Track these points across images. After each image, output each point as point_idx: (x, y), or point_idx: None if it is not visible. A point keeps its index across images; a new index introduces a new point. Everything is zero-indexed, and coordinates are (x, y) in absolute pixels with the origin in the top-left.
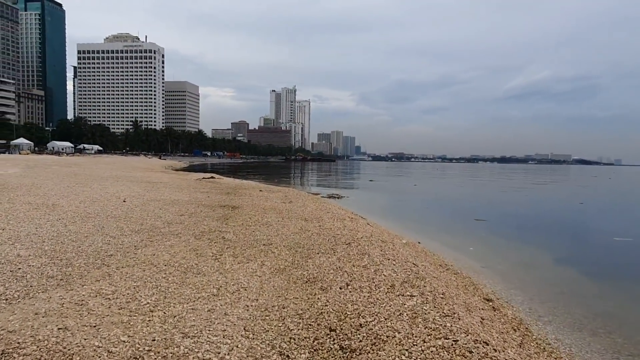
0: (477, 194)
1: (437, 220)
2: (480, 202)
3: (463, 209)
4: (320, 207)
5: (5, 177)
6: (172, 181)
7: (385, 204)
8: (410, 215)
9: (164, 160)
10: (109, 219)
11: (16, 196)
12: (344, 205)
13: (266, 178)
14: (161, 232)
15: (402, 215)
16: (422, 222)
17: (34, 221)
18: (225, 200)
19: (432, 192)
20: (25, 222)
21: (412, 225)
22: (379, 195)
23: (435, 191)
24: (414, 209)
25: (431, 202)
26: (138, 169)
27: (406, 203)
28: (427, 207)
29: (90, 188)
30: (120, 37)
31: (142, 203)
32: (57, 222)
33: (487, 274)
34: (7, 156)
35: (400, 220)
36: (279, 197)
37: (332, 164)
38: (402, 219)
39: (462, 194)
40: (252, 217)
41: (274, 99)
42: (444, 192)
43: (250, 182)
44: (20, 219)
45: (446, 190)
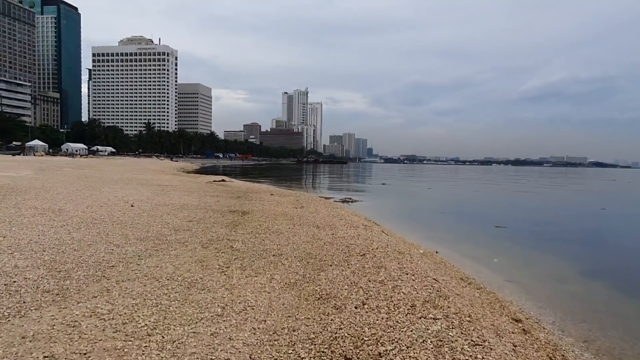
0: (494, 199)
1: (454, 226)
2: (498, 207)
3: (481, 214)
4: (333, 212)
5: (16, 180)
6: (183, 184)
7: (399, 209)
8: (425, 221)
9: (175, 162)
10: (115, 225)
11: (23, 200)
12: (357, 209)
13: (278, 181)
14: (167, 239)
15: (417, 221)
16: (439, 229)
17: (37, 228)
18: (235, 205)
19: (447, 196)
20: (28, 228)
21: (428, 232)
22: (393, 200)
23: (450, 195)
24: (429, 214)
25: (447, 207)
26: (149, 171)
27: (421, 208)
28: (443, 212)
29: (99, 192)
30: (135, 40)
31: (151, 208)
32: (60, 229)
33: (512, 289)
34: (22, 158)
35: (416, 226)
36: (291, 201)
37: (343, 166)
38: (417, 226)
39: (479, 198)
40: (263, 224)
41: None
42: (460, 196)
43: (262, 185)
44: (23, 225)
45: (461, 194)
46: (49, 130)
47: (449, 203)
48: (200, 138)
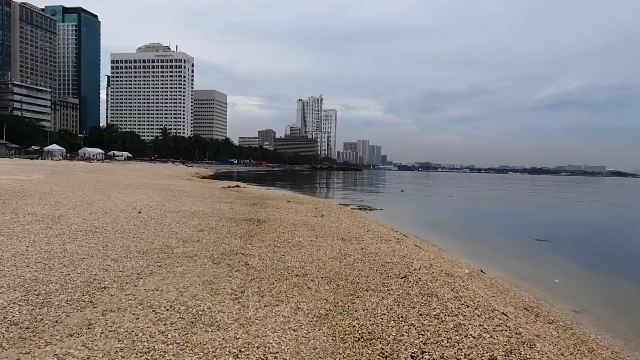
0: (523, 208)
1: (490, 239)
2: (531, 218)
3: (515, 226)
4: (357, 222)
5: (25, 184)
6: (196, 190)
7: (424, 219)
8: (457, 233)
9: (190, 167)
10: (117, 235)
11: (24, 205)
12: (381, 218)
13: (293, 187)
14: (173, 253)
15: (447, 233)
16: (474, 242)
17: (28, 237)
18: (250, 213)
19: (471, 205)
20: (18, 238)
21: (463, 246)
22: (414, 208)
23: (475, 204)
24: (458, 225)
25: (475, 217)
26: (163, 176)
27: (447, 218)
28: (472, 223)
29: (107, 197)
30: (152, 47)
31: (159, 215)
32: (54, 239)
33: (588, 321)
34: (39, 162)
35: (448, 239)
36: (309, 209)
37: (358, 173)
38: (449, 238)
39: (507, 208)
40: (281, 236)
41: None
42: (486, 206)
43: (277, 191)
44: (15, 233)
45: (486, 203)
46: (67, 135)
47: (476, 213)
48: (215, 144)
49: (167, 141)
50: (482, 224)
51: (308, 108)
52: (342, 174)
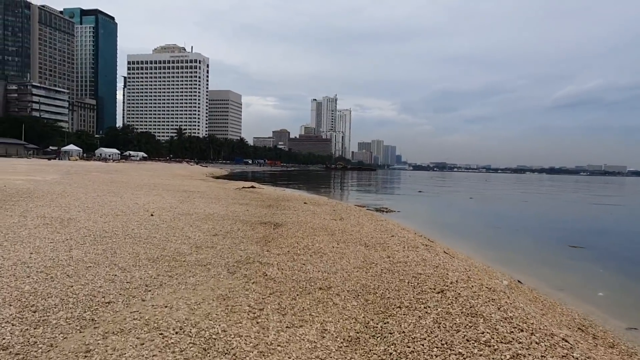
0: (549, 210)
1: (520, 245)
2: (560, 221)
3: (544, 229)
4: (379, 227)
5: (38, 184)
6: (210, 190)
7: (445, 222)
8: (483, 237)
9: (205, 167)
10: (127, 240)
11: (35, 207)
12: (401, 221)
13: (308, 187)
14: (185, 261)
15: (473, 237)
16: (503, 248)
17: (33, 243)
18: (266, 215)
19: (494, 207)
20: (23, 243)
21: (492, 252)
22: (434, 210)
23: (498, 206)
24: (483, 228)
25: (500, 220)
26: (178, 176)
27: (471, 221)
28: (499, 227)
29: (120, 198)
30: (168, 48)
31: (172, 218)
32: (61, 245)
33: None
34: (56, 162)
35: (475, 245)
36: (327, 211)
37: (372, 173)
38: (476, 244)
39: (531, 210)
40: (300, 241)
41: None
42: (509, 207)
43: (293, 192)
44: (20, 239)
45: (509, 205)
46: (84, 136)
47: (500, 215)
48: (229, 144)
49: (182, 141)
50: (508, 228)
51: (322, 108)
52: (357, 174)
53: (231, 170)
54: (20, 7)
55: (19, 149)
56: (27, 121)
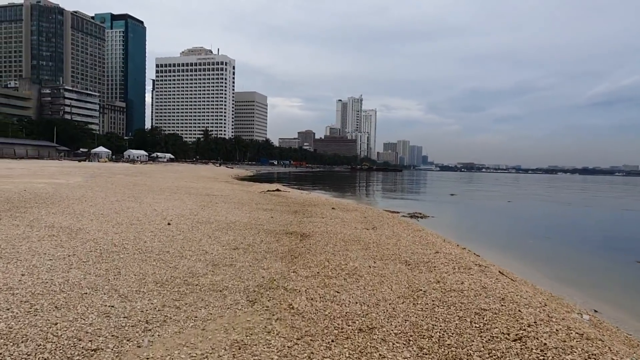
0: (599, 216)
1: (579, 261)
2: (617, 230)
3: (602, 240)
4: (418, 238)
5: (59, 188)
6: (234, 194)
7: (487, 230)
8: (535, 252)
9: (230, 168)
10: (136, 256)
11: (46, 214)
12: (438, 230)
13: (334, 190)
14: (199, 284)
15: (523, 251)
16: (561, 266)
17: (31, 260)
18: (292, 223)
19: (536, 212)
20: (19, 261)
21: (551, 271)
22: (472, 216)
23: (540, 211)
24: (531, 239)
25: (547, 229)
26: (202, 178)
27: (515, 230)
28: (549, 238)
29: (139, 204)
30: (195, 51)
31: (190, 227)
32: (60, 263)
33: None
34: (86, 164)
35: (528, 261)
36: (358, 218)
37: (398, 174)
38: (529, 259)
39: (579, 215)
40: (331, 258)
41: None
42: (554, 212)
43: (320, 195)
44: (17, 254)
45: (553, 209)
46: (113, 138)
47: (546, 223)
48: (255, 145)
49: (208, 142)
50: (559, 239)
51: (347, 109)
52: (382, 175)
53: (257, 171)
54: (54, 14)
55: (51, 150)
56: (59, 124)
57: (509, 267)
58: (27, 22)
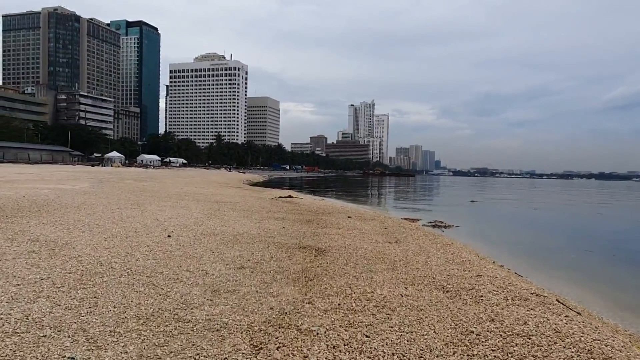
0: (634, 225)
1: (633, 282)
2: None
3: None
4: (450, 254)
5: (64, 194)
6: (244, 200)
7: (521, 242)
8: (581, 267)
9: (242, 173)
10: (122, 279)
11: (36, 225)
12: (456, 237)
13: (347, 195)
14: (192, 320)
15: (569, 269)
16: (620, 287)
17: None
18: (306, 235)
19: (569, 221)
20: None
21: (610, 295)
22: (499, 225)
23: (574, 220)
24: (572, 252)
25: (587, 240)
26: (212, 183)
27: (550, 241)
28: (591, 251)
29: (141, 212)
30: (208, 57)
31: (192, 240)
32: (29, 289)
33: None
34: (98, 168)
35: (581, 283)
36: (377, 229)
37: (411, 178)
38: (581, 282)
39: (613, 225)
40: (354, 283)
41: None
42: (589, 223)
43: (333, 202)
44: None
45: (586, 219)
46: (127, 143)
47: (583, 233)
48: (267, 150)
49: (221, 147)
50: (603, 253)
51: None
52: (395, 180)
53: (269, 176)
54: (71, 21)
55: (65, 155)
56: (73, 129)
57: (561, 291)
58: (44, 29)
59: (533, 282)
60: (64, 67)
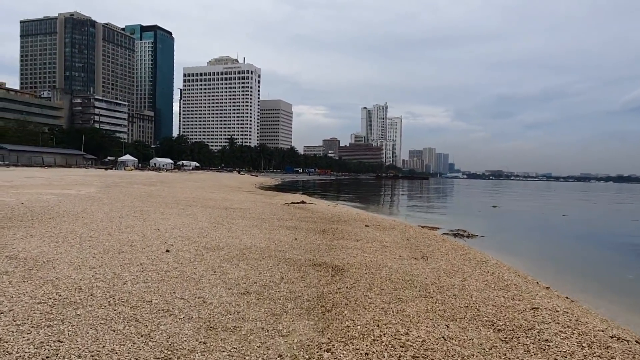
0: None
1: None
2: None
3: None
4: (489, 275)
5: (65, 200)
6: (254, 207)
7: (561, 257)
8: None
9: (255, 177)
10: (100, 312)
11: (20, 238)
12: (482, 248)
13: (361, 200)
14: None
15: (629, 292)
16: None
17: None
18: (320, 249)
19: (604, 229)
20: None
21: None
22: (530, 236)
23: (606, 226)
24: (627, 271)
25: (633, 255)
26: (224, 187)
27: (594, 255)
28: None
29: (142, 220)
30: (221, 60)
31: (192, 256)
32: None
33: None
34: (111, 172)
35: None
36: (398, 241)
37: (424, 182)
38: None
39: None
40: (381, 320)
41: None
42: (623, 230)
43: (348, 208)
44: None
45: (618, 224)
46: (141, 146)
47: (626, 246)
48: (280, 153)
49: (233, 150)
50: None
51: (373, 116)
52: (408, 183)
53: (281, 179)
54: (86, 26)
55: (78, 159)
56: (87, 132)
57: (633, 326)
58: (61, 34)
59: (606, 318)
60: (80, 71)
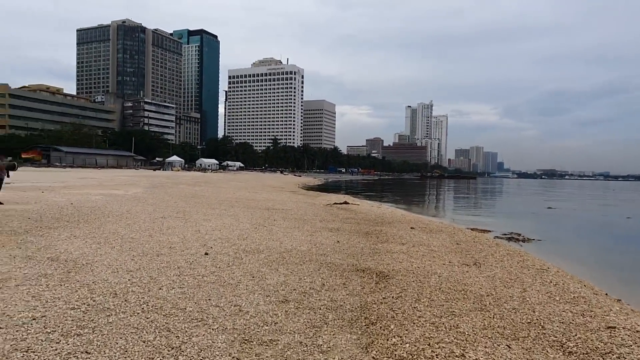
0: None
1: None
2: None
3: None
4: (553, 286)
5: (113, 200)
6: (297, 208)
7: (629, 264)
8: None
9: (298, 177)
10: (132, 320)
11: (64, 239)
12: (542, 254)
13: (406, 201)
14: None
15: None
16: None
17: None
18: (364, 253)
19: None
20: None
21: None
22: (592, 240)
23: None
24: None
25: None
26: (267, 187)
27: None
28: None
29: (184, 221)
30: (265, 62)
31: (232, 259)
32: (7, 336)
33: None
34: (159, 172)
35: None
36: (447, 245)
37: (471, 181)
38: None
39: None
40: (433, 338)
41: (410, 115)
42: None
43: (393, 209)
44: None
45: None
46: (187, 147)
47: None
48: (323, 153)
49: (277, 151)
50: None
51: (417, 115)
52: (454, 183)
53: (325, 179)
54: (137, 32)
55: (129, 160)
56: (137, 134)
57: None
58: (114, 41)
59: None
60: (131, 76)
